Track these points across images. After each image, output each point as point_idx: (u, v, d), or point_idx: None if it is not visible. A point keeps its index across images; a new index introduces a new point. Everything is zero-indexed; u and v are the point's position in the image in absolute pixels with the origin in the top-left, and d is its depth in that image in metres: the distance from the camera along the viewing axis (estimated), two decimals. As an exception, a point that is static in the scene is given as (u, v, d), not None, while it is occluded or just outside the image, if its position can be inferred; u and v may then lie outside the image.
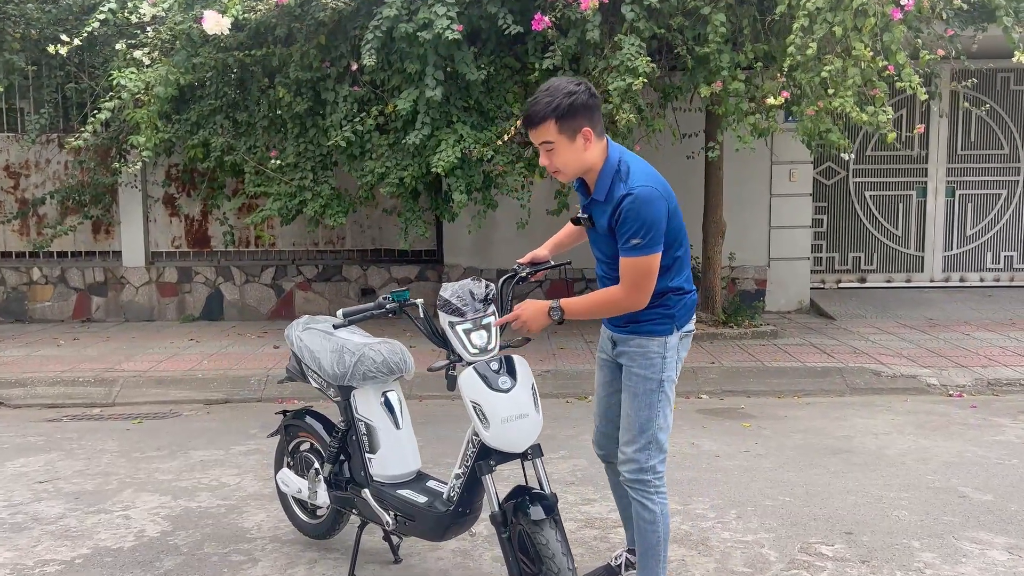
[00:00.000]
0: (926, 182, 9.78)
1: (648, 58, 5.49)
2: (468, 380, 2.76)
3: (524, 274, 3.12)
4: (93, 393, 6.38)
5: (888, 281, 9.90)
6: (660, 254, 2.68)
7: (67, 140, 7.10)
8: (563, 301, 2.77)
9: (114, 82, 6.75)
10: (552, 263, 3.20)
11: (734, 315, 8.03)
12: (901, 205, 9.83)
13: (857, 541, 3.61)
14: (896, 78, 5.23)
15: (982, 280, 9.91)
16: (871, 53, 5.14)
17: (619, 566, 3.27)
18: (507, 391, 2.75)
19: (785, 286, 9.13)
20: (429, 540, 3.12)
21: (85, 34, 6.39)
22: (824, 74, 5.15)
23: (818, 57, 5.27)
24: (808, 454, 4.82)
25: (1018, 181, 9.79)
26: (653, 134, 6.32)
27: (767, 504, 4.04)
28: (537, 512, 2.74)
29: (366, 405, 3.18)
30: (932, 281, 9.88)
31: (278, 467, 3.64)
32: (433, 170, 6.20)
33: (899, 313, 8.76)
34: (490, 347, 2.86)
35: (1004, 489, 4.20)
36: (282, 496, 3.65)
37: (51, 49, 6.17)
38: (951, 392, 6.22)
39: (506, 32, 5.99)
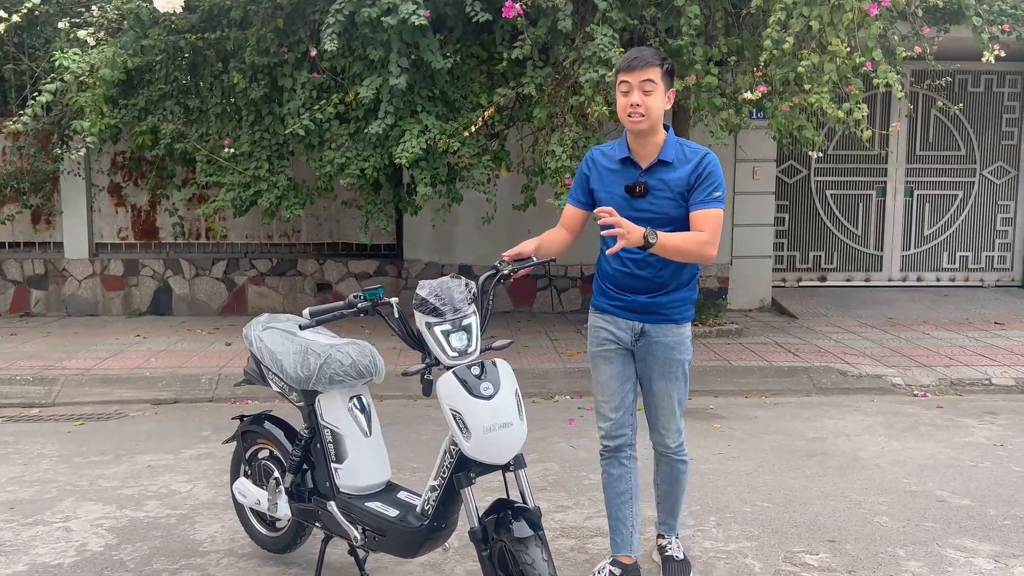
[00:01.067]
0: (886, 182, 9.83)
1: (621, 49, 5.33)
2: (447, 385, 2.56)
3: (507, 272, 2.93)
4: (31, 392, 6.01)
5: (848, 280, 9.94)
6: None
7: (4, 124, 6.68)
8: (660, 233, 2.76)
9: (56, 63, 6.38)
10: (535, 260, 3.02)
11: (698, 313, 7.94)
12: (861, 204, 9.86)
13: (841, 550, 3.50)
14: (872, 75, 5.15)
15: (938, 280, 10.00)
16: (847, 49, 5.05)
17: None
18: (489, 398, 2.55)
19: (748, 284, 9.09)
20: (401, 557, 2.91)
21: (24, 10, 5.99)
22: (800, 69, 5.05)
23: (794, 52, 5.17)
24: (783, 456, 4.73)
25: (974, 182, 9.90)
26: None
27: (746, 511, 3.92)
28: (522, 529, 2.56)
29: (332, 411, 2.96)
30: (890, 280, 9.94)
31: (234, 476, 3.40)
32: (396, 161, 5.96)
33: (860, 312, 8.78)
34: (470, 350, 2.67)
35: (980, 493, 4.15)
36: (238, 507, 3.40)
37: (-15, 24, 5.78)
38: (916, 392, 6.20)
39: (474, 19, 5.77)
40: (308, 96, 6.54)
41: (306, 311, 2.60)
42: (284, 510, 3.08)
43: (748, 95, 5.22)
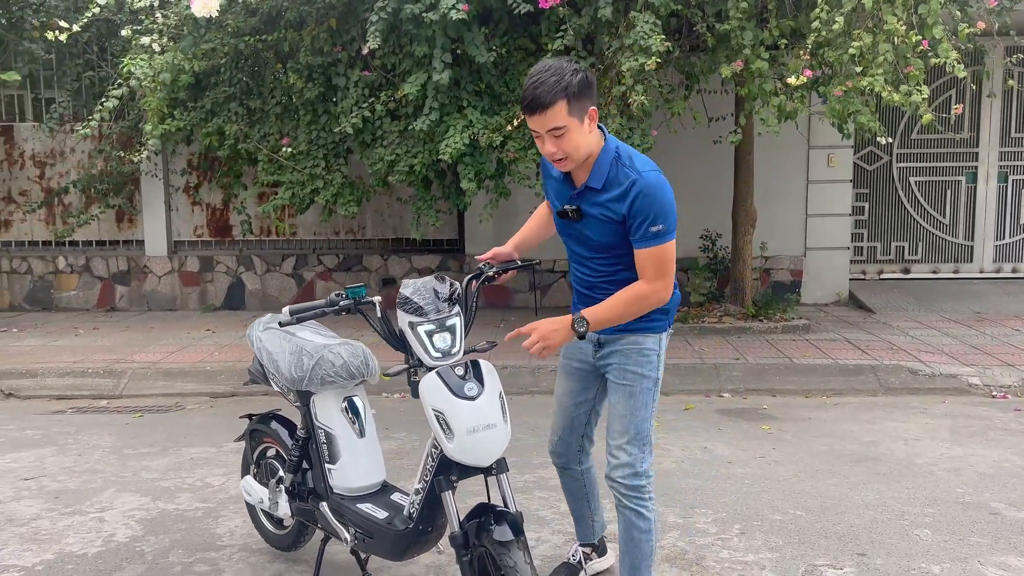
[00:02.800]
0: (976, 167, 9.21)
1: (663, 36, 5.15)
2: (430, 386, 2.52)
3: (491, 273, 2.86)
4: (101, 385, 6.32)
5: (934, 272, 9.37)
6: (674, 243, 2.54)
7: (76, 129, 7.02)
8: (586, 311, 2.54)
9: (124, 69, 6.65)
10: (520, 263, 2.94)
11: (765, 308, 7.65)
12: (949, 191, 9.28)
13: (869, 564, 3.28)
14: (931, 54, 4.80)
15: (1037, 271, 9.32)
16: (905, 27, 4.72)
17: (579, 561, 3.14)
18: (474, 398, 2.50)
19: (822, 277, 8.70)
20: (388, 559, 2.90)
21: (84, 20, 6.27)
22: (852, 51, 4.75)
23: (847, 32, 4.87)
24: (829, 462, 4.48)
25: (1078, 165, 9.17)
26: (673, 118, 5.97)
27: (776, 519, 3.73)
28: (503, 532, 2.50)
29: (326, 412, 2.96)
30: (982, 272, 9.32)
31: (244, 473, 3.46)
32: (440, 157, 5.96)
33: (944, 306, 8.27)
34: (454, 351, 2.61)
35: (1042, 506, 3.83)
36: (248, 504, 3.46)
37: (49, 35, 6.08)
38: (994, 393, 5.79)
39: (516, 11, 5.70)
40: (360, 94, 6.61)
41: (285, 309, 2.59)
42: (284, 509, 3.12)
43: (792, 80, 4.95)
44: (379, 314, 2.70)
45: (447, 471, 2.60)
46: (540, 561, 3.33)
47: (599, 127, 2.60)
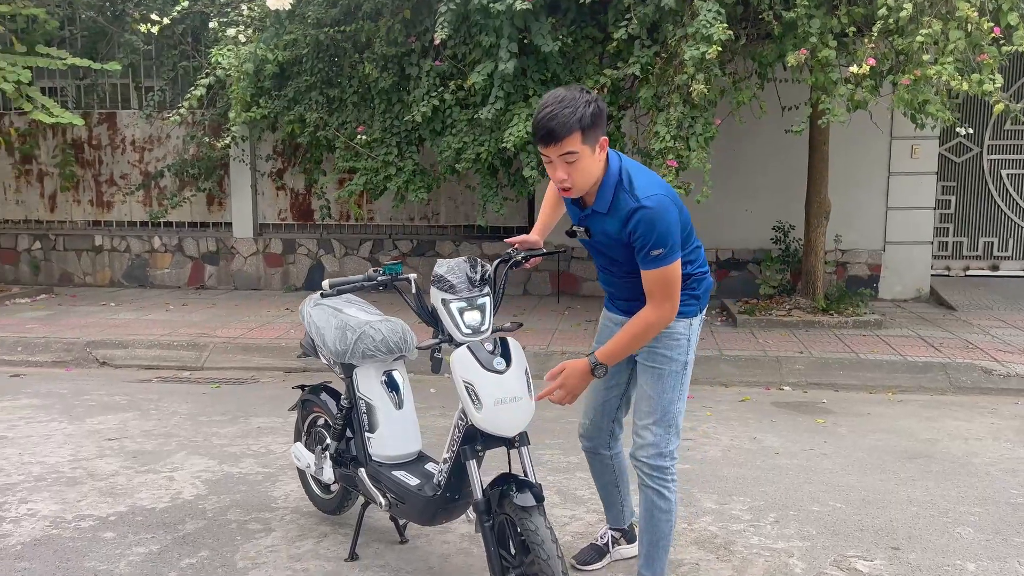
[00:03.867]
0: (1075, 160, 8.76)
1: (725, 24, 5.13)
2: (462, 359, 2.65)
3: (519, 258, 2.98)
4: (185, 357, 6.73)
5: (1025, 270, 8.97)
6: (680, 259, 2.63)
7: (164, 117, 7.45)
8: (599, 354, 2.67)
9: (213, 60, 7.03)
10: (545, 250, 3.06)
11: (837, 302, 7.50)
12: (1044, 185, 8.85)
13: (902, 558, 3.26)
14: (1003, 41, 4.62)
15: None
16: (977, 13, 4.57)
17: (606, 544, 3.22)
18: (501, 372, 2.63)
19: (901, 272, 8.45)
20: (419, 524, 3.06)
21: (174, 13, 6.66)
22: (921, 38, 4.63)
23: (916, 19, 4.74)
24: (880, 456, 4.42)
25: None
26: (739, 107, 5.93)
27: (814, 509, 3.73)
28: (525, 499, 2.62)
29: (367, 384, 3.14)
30: (1078, 271, 8.87)
31: (296, 440, 3.68)
32: (503, 146, 6.09)
33: (1032, 305, 7.92)
34: (483, 328, 2.75)
35: (1101, 511, 3.70)
36: (300, 470, 3.69)
37: (142, 28, 6.48)
38: (1074, 397, 5.56)
39: (582, 0, 5.76)
40: (431, 83, 6.80)
41: (325, 282, 2.78)
42: (328, 474, 3.32)
43: (855, 69, 4.85)
44: (413, 290, 2.85)
45: (472, 441, 2.74)
46: (570, 538, 3.44)
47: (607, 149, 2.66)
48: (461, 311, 2.73)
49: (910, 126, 7.88)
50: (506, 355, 2.68)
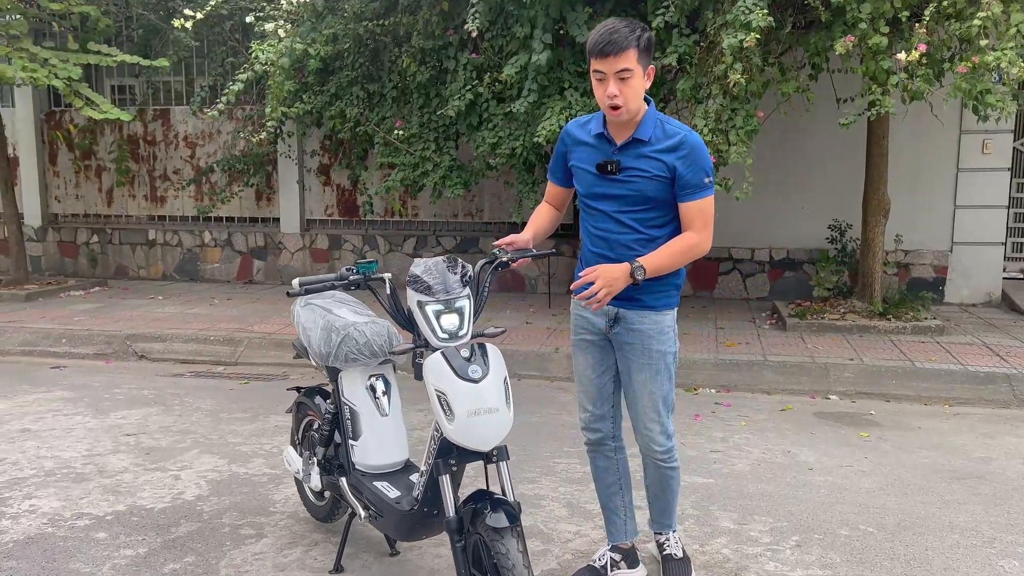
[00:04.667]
0: None
1: (766, 11, 4.82)
2: (434, 366, 2.47)
3: (506, 259, 2.79)
4: (220, 352, 6.74)
5: (1110, 273, 8.32)
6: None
7: (204, 112, 7.48)
8: (644, 259, 2.63)
9: (252, 55, 7.02)
10: (535, 251, 2.87)
11: (896, 306, 7.07)
12: None
13: (932, 593, 2.96)
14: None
15: None
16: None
17: (604, 567, 3.02)
18: (477, 381, 2.44)
19: (970, 275, 7.94)
20: (397, 539, 2.91)
21: (209, 7, 6.66)
22: (978, 22, 4.24)
23: (975, 0, 4.35)
24: (925, 476, 4.08)
25: None
26: (786, 99, 5.60)
27: (841, 534, 3.43)
28: (498, 519, 2.44)
29: (351, 388, 3.00)
30: None
31: (291, 444, 3.57)
32: (535, 140, 5.89)
33: (1115, 312, 7.32)
34: (461, 333, 2.57)
35: None
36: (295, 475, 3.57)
37: (176, 23, 6.49)
38: None
39: (618, -12, 5.53)
40: (468, 77, 6.64)
41: (295, 281, 2.64)
42: (316, 481, 3.19)
43: (903, 56, 4.48)
44: (388, 290, 2.69)
45: (447, 455, 2.56)
46: (571, 556, 3.24)
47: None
48: (438, 314, 2.56)
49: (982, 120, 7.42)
50: (484, 362, 2.50)
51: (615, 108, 2.59)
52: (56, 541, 3.36)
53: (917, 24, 4.67)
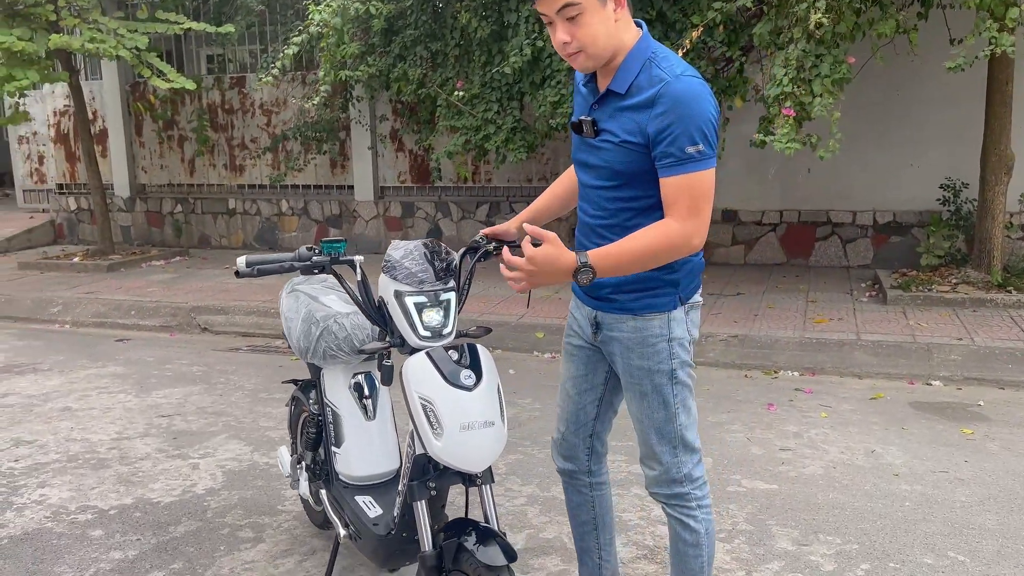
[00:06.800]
0: None
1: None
2: (418, 368, 2.06)
3: (491, 249, 2.34)
4: (279, 325, 6.52)
5: None
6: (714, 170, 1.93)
7: (259, 78, 7.27)
8: (593, 253, 1.93)
9: (308, 17, 6.74)
10: (518, 243, 2.37)
11: (1018, 276, 6.21)
12: None
13: (1032, 652, 2.38)
14: None
15: None
16: None
17: None
18: (470, 389, 2.04)
19: (1112, 239, 6.90)
20: (376, 565, 2.54)
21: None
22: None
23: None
24: (1038, 488, 3.42)
25: None
26: (883, 41, 4.85)
27: (925, 562, 2.87)
28: (493, 555, 2.02)
29: (333, 388, 2.65)
30: None
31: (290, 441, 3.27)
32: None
33: None
34: (446, 331, 2.17)
35: None
36: (293, 475, 3.28)
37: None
38: None
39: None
40: (529, 30, 6.15)
41: (240, 259, 2.22)
42: (304, 488, 2.87)
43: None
44: (358, 276, 2.28)
45: (423, 475, 2.17)
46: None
47: (638, 24, 2.02)
48: (420, 308, 2.15)
49: None
50: (475, 366, 2.09)
51: (573, 56, 1.97)
52: (51, 539, 3.20)
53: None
